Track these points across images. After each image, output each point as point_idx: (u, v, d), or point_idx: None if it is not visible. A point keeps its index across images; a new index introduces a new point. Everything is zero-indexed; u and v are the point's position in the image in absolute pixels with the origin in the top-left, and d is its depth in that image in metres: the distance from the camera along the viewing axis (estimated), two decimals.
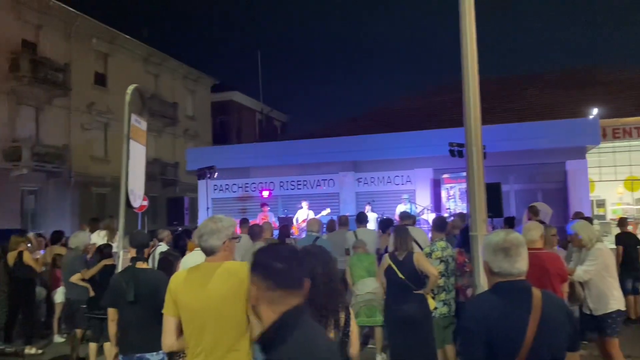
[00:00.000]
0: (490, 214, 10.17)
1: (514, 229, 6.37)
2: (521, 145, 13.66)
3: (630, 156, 18.31)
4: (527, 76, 23.49)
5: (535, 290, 2.31)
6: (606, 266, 4.90)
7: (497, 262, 2.33)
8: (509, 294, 2.28)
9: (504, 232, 2.43)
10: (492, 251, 2.36)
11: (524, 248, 2.40)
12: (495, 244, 2.35)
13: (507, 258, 2.30)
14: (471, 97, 5.15)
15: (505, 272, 2.31)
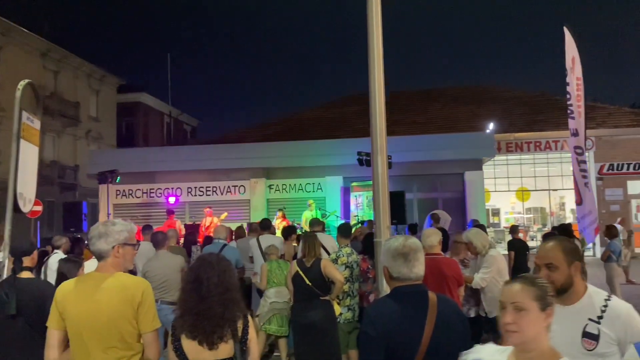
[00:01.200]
0: (394, 221, 10.63)
1: (416, 235, 6.63)
2: (424, 156, 14.37)
3: (521, 169, 19.87)
4: (432, 91, 24.72)
5: (432, 294, 2.39)
6: (499, 271, 5.20)
7: (396, 267, 2.39)
8: (407, 298, 2.34)
9: (403, 238, 2.50)
10: (391, 256, 2.41)
11: (421, 253, 2.49)
12: (395, 250, 2.41)
13: (406, 263, 2.37)
14: (377, 109, 5.31)
15: (404, 276, 2.37)
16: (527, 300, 1.85)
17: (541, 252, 2.39)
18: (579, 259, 2.32)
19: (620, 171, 18.34)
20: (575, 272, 2.29)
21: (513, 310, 1.86)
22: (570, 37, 6.66)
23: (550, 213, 20.71)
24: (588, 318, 2.24)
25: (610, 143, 18.41)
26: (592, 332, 2.21)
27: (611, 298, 2.30)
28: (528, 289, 1.88)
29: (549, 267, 2.30)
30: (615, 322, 2.19)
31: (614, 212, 18.04)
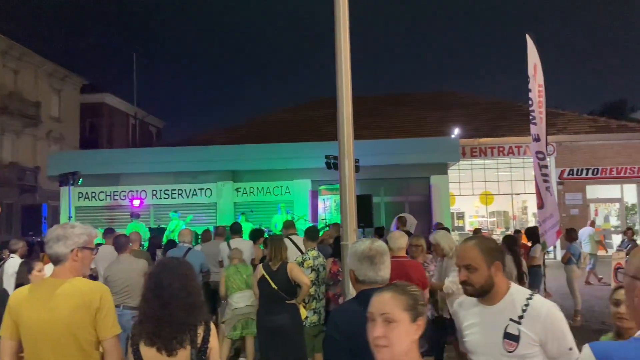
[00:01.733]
0: (361, 224, 10.69)
1: (382, 238, 6.67)
2: (391, 160, 14.52)
3: (485, 173, 20.31)
4: (400, 96, 25.04)
5: None
6: None
7: (363, 270, 2.39)
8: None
9: (370, 241, 2.50)
10: (357, 260, 2.41)
11: (387, 256, 2.50)
12: (361, 253, 2.41)
13: (372, 266, 2.37)
14: (344, 113, 5.33)
15: (370, 279, 2.38)
16: (397, 311, 1.72)
17: (460, 252, 2.32)
18: (499, 259, 2.25)
19: (579, 176, 18.96)
20: (496, 272, 2.21)
21: (382, 322, 1.72)
22: (532, 45, 6.84)
23: (513, 217, 21.22)
24: (509, 318, 2.16)
25: (570, 149, 19.02)
26: (513, 332, 2.14)
27: (533, 297, 2.21)
28: (399, 298, 1.75)
29: (467, 269, 2.23)
30: (535, 322, 2.11)
31: (574, 216, 18.63)
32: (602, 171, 18.85)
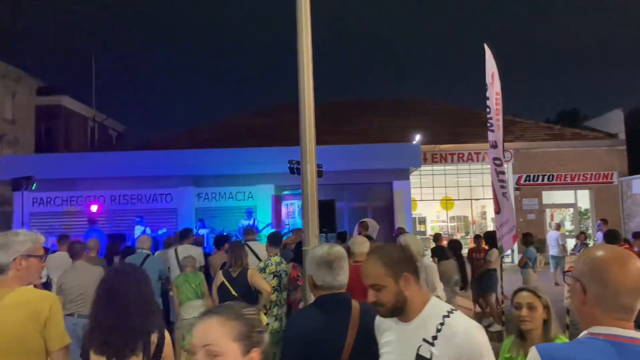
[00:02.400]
0: (324, 229, 10.70)
1: (345, 244, 6.67)
2: (355, 166, 14.62)
3: (445, 179, 20.69)
4: (365, 102, 25.30)
5: (355, 303, 2.39)
6: (432, 281, 5.32)
7: (321, 275, 2.38)
8: (330, 306, 2.34)
9: (328, 246, 2.50)
10: (315, 265, 2.40)
11: (345, 261, 2.50)
12: (320, 258, 2.40)
13: (330, 271, 2.36)
14: (306, 118, 5.34)
15: (328, 285, 2.37)
16: (224, 342, 1.35)
17: (364, 270, 2.07)
18: (408, 269, 1.98)
19: (535, 182, 19.56)
20: (406, 285, 1.96)
21: (205, 357, 1.34)
22: (490, 54, 7.03)
23: (473, 222, 21.67)
24: (422, 338, 1.91)
25: (527, 155, 19.61)
26: (425, 355, 1.88)
27: (451, 315, 1.94)
28: (228, 324, 1.37)
29: (375, 288, 1.99)
30: (449, 343, 1.85)
31: (531, 220, 19.20)
32: (557, 177, 19.52)
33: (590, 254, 1.55)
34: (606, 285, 1.46)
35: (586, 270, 1.51)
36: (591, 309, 1.48)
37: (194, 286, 5.70)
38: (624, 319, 1.45)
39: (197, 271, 6.15)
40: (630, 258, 1.48)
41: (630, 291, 1.44)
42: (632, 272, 1.44)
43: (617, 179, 19.53)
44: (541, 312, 2.79)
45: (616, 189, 19.54)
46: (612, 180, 19.55)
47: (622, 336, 1.42)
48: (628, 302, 1.44)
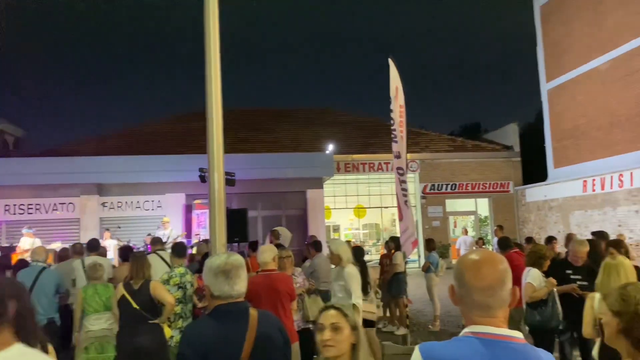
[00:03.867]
0: (236, 238, 10.60)
1: (256, 252, 6.59)
2: (269, 174, 14.63)
3: (357, 188, 21.26)
4: (279, 111, 25.37)
5: (253, 311, 2.40)
6: (354, 289, 5.39)
7: (218, 285, 2.35)
8: (227, 316, 2.32)
9: (225, 255, 2.48)
10: (212, 274, 2.36)
11: (243, 270, 2.49)
12: (217, 267, 2.37)
13: (227, 280, 2.34)
14: (214, 125, 5.28)
15: (226, 294, 2.34)
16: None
17: None
18: None
19: (440, 191, 20.65)
20: None
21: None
22: (395, 68, 7.36)
23: (384, 229, 22.39)
24: None
25: (432, 165, 20.67)
26: None
27: None
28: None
29: None
30: None
31: (436, 227, 20.20)
32: (460, 186, 20.74)
33: (459, 258, 1.72)
34: (463, 285, 1.61)
35: (454, 273, 1.67)
36: (461, 308, 1.63)
37: (104, 299, 5.41)
38: (488, 316, 1.56)
39: (107, 283, 5.85)
40: (486, 261, 1.61)
41: (479, 289, 1.57)
42: (483, 272, 1.58)
43: (512, 188, 21.12)
44: (348, 334, 2.30)
45: (512, 198, 21.12)
46: (508, 189, 21.11)
47: (485, 332, 1.55)
48: (481, 299, 1.57)
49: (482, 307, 1.57)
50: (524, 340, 1.57)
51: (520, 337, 1.57)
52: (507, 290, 1.59)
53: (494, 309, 1.57)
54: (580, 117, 18.24)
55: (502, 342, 1.53)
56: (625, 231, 14.29)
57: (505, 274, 1.60)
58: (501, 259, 1.65)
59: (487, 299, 1.56)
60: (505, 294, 1.59)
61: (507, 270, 1.61)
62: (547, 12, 20.11)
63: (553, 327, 5.11)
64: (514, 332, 1.57)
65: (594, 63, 17.46)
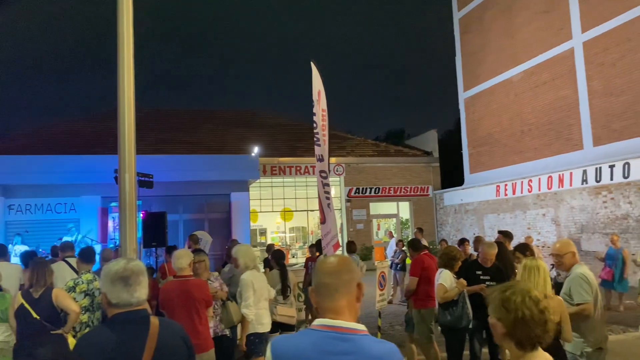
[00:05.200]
0: (154, 243, 10.22)
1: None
2: (192, 177, 14.23)
3: (284, 191, 21.23)
4: (203, 112, 24.84)
5: (154, 319, 2.29)
6: (245, 297, 5.29)
7: (116, 292, 2.21)
8: (125, 325, 2.20)
9: (125, 261, 2.34)
10: (110, 281, 2.23)
11: (144, 276, 2.35)
12: (115, 273, 2.23)
13: (126, 288, 2.21)
14: (126, 123, 5.04)
15: (124, 302, 2.21)
16: None
17: None
18: None
19: (364, 194, 21.08)
20: None
21: None
22: (317, 72, 7.39)
23: (310, 232, 22.50)
24: None
25: (357, 170, 21.06)
26: None
27: None
28: None
29: None
30: None
31: (360, 230, 20.58)
32: (383, 190, 21.29)
33: None
34: (315, 274, 1.81)
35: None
36: (314, 300, 1.80)
37: (6, 306, 4.97)
38: (333, 305, 1.72)
39: (4, 293, 5.39)
40: (336, 256, 1.87)
41: (326, 272, 1.77)
42: (331, 260, 1.81)
43: (432, 192, 21.98)
44: None
45: (431, 201, 21.97)
46: (427, 193, 21.94)
47: (325, 325, 1.69)
48: (328, 280, 1.75)
49: (330, 290, 1.73)
50: (363, 331, 1.70)
51: (361, 328, 1.70)
52: (350, 279, 1.76)
53: (339, 293, 1.73)
54: (495, 125, 19.33)
55: (339, 334, 1.65)
56: (533, 233, 15.28)
57: (350, 264, 1.80)
58: (347, 257, 1.89)
59: (334, 280, 1.74)
60: (350, 279, 1.75)
61: (355, 268, 1.81)
62: (465, 23, 21.15)
63: (463, 326, 5.32)
64: (354, 324, 1.69)
65: (508, 74, 18.57)
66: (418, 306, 6.08)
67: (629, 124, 14.01)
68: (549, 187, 15.81)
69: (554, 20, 16.45)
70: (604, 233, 13.55)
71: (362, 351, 1.64)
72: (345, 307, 1.71)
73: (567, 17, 15.96)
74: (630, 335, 7.95)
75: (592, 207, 14.29)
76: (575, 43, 15.71)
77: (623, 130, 14.16)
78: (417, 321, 6.08)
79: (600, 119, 14.91)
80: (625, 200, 13.31)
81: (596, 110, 15.02)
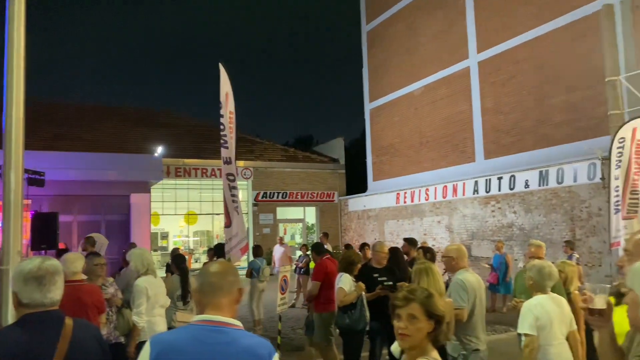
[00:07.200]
0: (43, 245, 9.51)
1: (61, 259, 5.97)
2: (88, 176, 13.40)
3: (188, 193, 20.69)
4: (105, 108, 23.57)
5: (68, 320, 2.23)
6: (137, 304, 5.08)
7: (28, 292, 2.14)
8: (37, 325, 2.13)
9: (40, 260, 2.25)
10: (22, 280, 2.15)
11: (60, 276, 2.27)
12: (28, 272, 2.16)
13: (40, 287, 2.15)
14: (13, 116, 4.68)
15: (37, 303, 2.14)
16: None
17: None
18: None
19: (271, 199, 21.12)
20: None
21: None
22: (225, 74, 7.32)
23: (215, 236, 22.10)
24: None
25: (265, 174, 21.06)
26: None
27: None
28: None
29: None
30: None
31: (266, 234, 20.57)
32: (290, 195, 21.47)
33: None
34: (200, 276, 1.95)
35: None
36: (196, 299, 1.95)
37: None
38: (215, 301, 1.85)
39: None
40: (219, 261, 2.13)
41: (212, 273, 1.91)
42: (215, 264, 1.98)
43: (337, 198, 22.53)
44: None
45: (336, 207, 22.51)
46: (333, 199, 22.46)
47: (204, 320, 1.82)
48: (214, 280, 1.89)
49: (214, 288, 1.87)
50: (238, 326, 1.84)
51: (237, 323, 1.85)
52: (234, 281, 1.92)
53: (222, 292, 1.87)
54: (396, 136, 20.26)
55: (216, 327, 1.79)
56: (429, 239, 16.18)
57: (235, 272, 1.97)
58: (234, 267, 2.07)
59: (219, 280, 1.89)
60: (234, 281, 1.92)
61: (238, 275, 1.97)
62: (372, 37, 22.00)
63: (361, 328, 5.51)
64: (231, 319, 1.84)
65: (409, 88, 19.56)
66: (319, 310, 6.20)
67: (515, 140, 15.33)
68: (444, 196, 16.85)
69: (453, 39, 17.61)
70: (492, 240, 14.68)
71: (236, 342, 1.78)
72: (225, 305, 1.86)
73: (464, 38, 17.16)
74: (511, 334, 8.66)
75: (482, 216, 15.43)
76: (471, 62, 16.93)
77: (510, 145, 15.47)
78: (318, 325, 6.20)
79: (490, 135, 16.16)
80: (510, 210, 14.53)
81: (488, 126, 16.28)
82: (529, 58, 14.90)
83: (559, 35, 14.04)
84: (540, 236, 12.74)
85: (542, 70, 14.51)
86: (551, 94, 14.22)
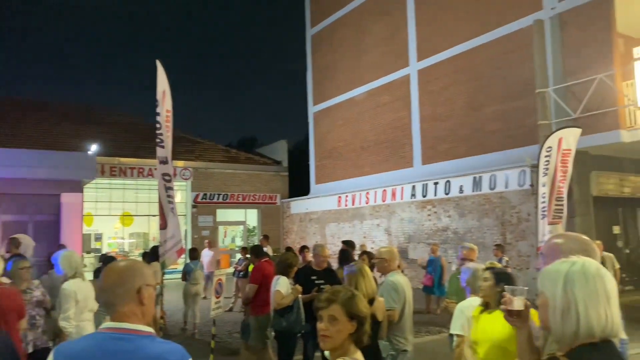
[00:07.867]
0: None
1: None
2: (13, 173, 12.65)
3: (124, 193, 19.95)
4: (33, 102, 22.36)
5: None
6: (64, 309, 4.86)
7: None
8: None
9: None
10: None
11: None
12: None
13: None
14: None
15: None
16: None
17: None
18: None
19: (211, 200, 20.74)
20: None
21: None
22: (162, 71, 7.13)
23: (152, 238, 21.43)
24: None
25: (205, 175, 20.66)
26: None
27: None
28: None
29: None
30: None
31: (205, 236, 20.16)
32: (231, 197, 21.17)
33: None
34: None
35: None
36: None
37: None
38: (114, 312, 1.78)
39: None
40: (107, 268, 1.85)
41: (101, 290, 1.82)
42: (103, 276, 1.82)
43: (279, 200, 22.45)
44: None
45: (279, 209, 22.42)
46: (275, 202, 22.36)
47: (109, 327, 1.75)
48: (104, 297, 1.82)
49: (108, 305, 1.79)
50: (147, 332, 1.76)
51: (145, 330, 1.76)
52: (126, 290, 1.78)
53: (117, 306, 1.77)
54: (339, 140, 20.46)
55: (120, 334, 1.72)
56: (368, 242, 16.43)
57: (124, 276, 1.80)
58: (124, 265, 1.86)
59: (109, 297, 1.79)
60: (125, 291, 1.77)
61: (128, 273, 1.81)
62: (316, 41, 22.13)
63: (297, 331, 5.51)
64: (139, 325, 1.75)
65: (352, 93, 19.81)
66: (255, 313, 6.14)
67: (451, 147, 15.86)
68: (383, 199, 17.17)
69: (395, 46, 18.00)
70: (427, 243, 15.09)
71: (140, 350, 1.70)
72: (128, 313, 1.76)
73: (405, 46, 17.59)
74: (443, 335, 8.95)
75: (419, 219, 15.84)
76: (412, 70, 17.37)
77: (446, 152, 15.99)
78: (254, 327, 6.13)
79: (428, 141, 16.64)
80: (445, 214, 15.01)
81: (425, 132, 16.75)
82: (465, 68, 15.46)
83: (493, 47, 14.66)
84: (473, 240, 13.22)
85: (476, 81, 15.10)
86: (485, 103, 14.82)
